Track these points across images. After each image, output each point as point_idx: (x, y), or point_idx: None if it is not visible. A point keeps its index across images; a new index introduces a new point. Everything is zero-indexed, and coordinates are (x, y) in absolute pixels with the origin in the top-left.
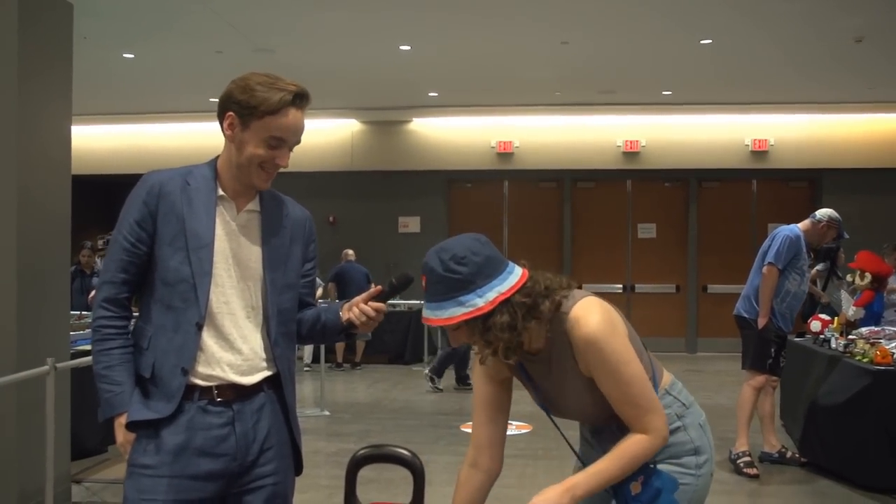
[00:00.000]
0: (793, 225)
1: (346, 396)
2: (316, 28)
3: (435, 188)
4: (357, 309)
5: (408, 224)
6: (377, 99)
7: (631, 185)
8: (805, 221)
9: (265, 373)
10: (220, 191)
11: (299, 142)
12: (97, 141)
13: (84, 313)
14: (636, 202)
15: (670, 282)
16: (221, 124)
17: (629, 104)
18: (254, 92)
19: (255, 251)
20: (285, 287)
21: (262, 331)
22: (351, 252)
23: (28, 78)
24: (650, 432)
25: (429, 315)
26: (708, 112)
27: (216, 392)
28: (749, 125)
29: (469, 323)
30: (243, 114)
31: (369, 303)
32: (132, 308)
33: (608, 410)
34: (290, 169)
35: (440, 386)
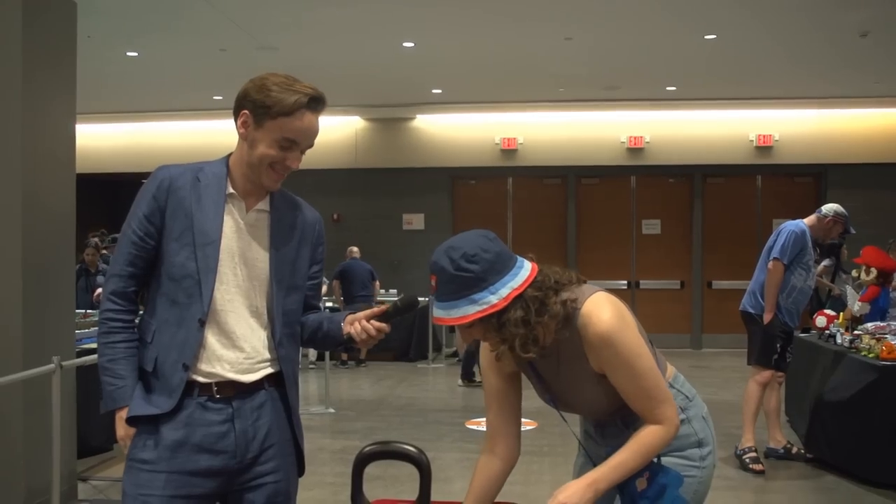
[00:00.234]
0: (798, 220)
1: (351, 394)
2: (319, 25)
3: (439, 185)
4: (359, 325)
5: (412, 221)
6: (381, 96)
7: (635, 181)
8: (811, 217)
9: (267, 370)
10: (231, 188)
11: (312, 145)
12: (101, 140)
13: (89, 311)
14: (640, 198)
15: (675, 278)
16: (236, 121)
17: (633, 100)
18: (269, 92)
19: (263, 251)
20: (291, 288)
21: (267, 331)
22: (355, 249)
23: (32, 77)
24: (664, 422)
25: (441, 315)
26: (712, 107)
27: (216, 389)
28: (753, 120)
29: (483, 321)
30: (257, 113)
31: (371, 321)
32: (139, 302)
33: (615, 405)
34: None
35: (477, 379)
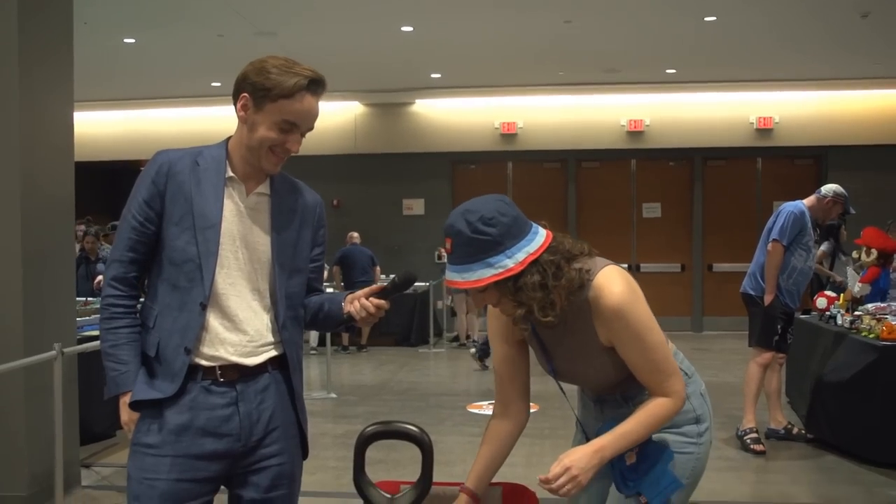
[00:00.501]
0: (798, 201)
1: (353, 379)
2: (317, 10)
3: (439, 170)
4: (358, 303)
5: (412, 206)
6: (380, 81)
7: (635, 165)
8: (810, 197)
9: (270, 353)
10: (230, 172)
11: (312, 128)
12: (99, 127)
13: (90, 299)
14: (641, 182)
15: (675, 261)
16: (235, 105)
17: (633, 83)
18: (269, 74)
19: (264, 234)
20: (294, 271)
21: (270, 314)
22: (356, 235)
23: (29, 64)
24: (672, 395)
25: (455, 278)
26: (712, 90)
27: (219, 372)
28: (754, 103)
29: (498, 285)
30: (257, 96)
31: (370, 299)
32: (141, 288)
33: (618, 378)
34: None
35: (488, 364)
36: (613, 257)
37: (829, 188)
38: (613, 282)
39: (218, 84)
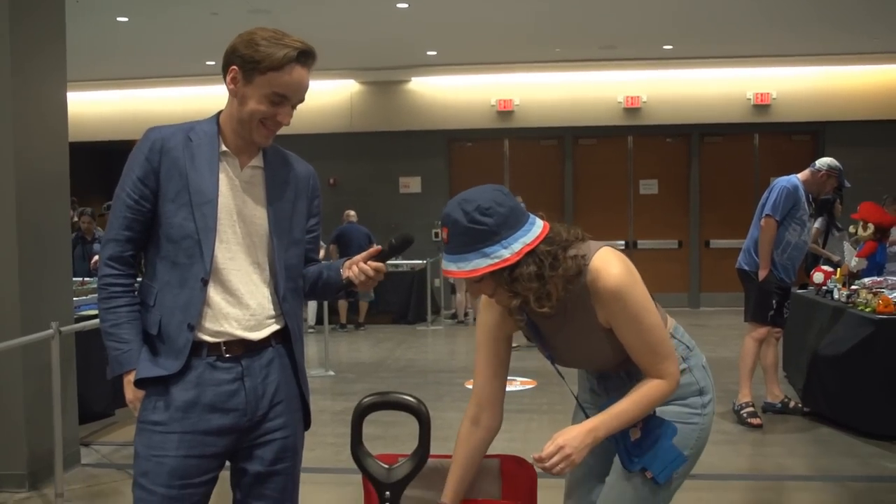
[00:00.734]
0: (791, 175)
1: (351, 357)
2: None
3: (435, 148)
4: (356, 268)
5: (409, 184)
6: (375, 59)
7: (632, 142)
8: (805, 171)
9: (273, 327)
10: (223, 146)
11: (303, 100)
12: (93, 107)
13: (87, 279)
14: (638, 158)
15: (672, 237)
16: (225, 78)
17: (630, 59)
18: (258, 47)
19: (260, 207)
20: (291, 243)
21: (270, 287)
22: (352, 213)
23: (21, 43)
24: (666, 377)
25: (451, 268)
26: (709, 66)
27: (224, 348)
28: (751, 79)
29: (494, 275)
30: (246, 68)
31: (368, 262)
32: (138, 266)
33: (619, 358)
34: (290, 131)
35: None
36: (610, 234)
37: (824, 161)
38: (611, 263)
39: (212, 63)
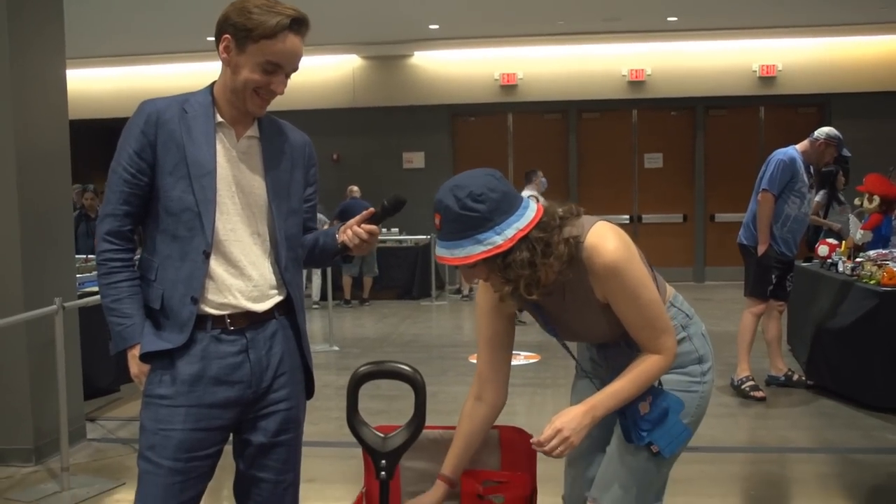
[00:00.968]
0: (788, 147)
1: (355, 332)
2: None
3: (439, 123)
4: (350, 231)
5: (412, 160)
6: (378, 33)
7: (637, 115)
8: (803, 142)
9: (276, 298)
10: (219, 117)
11: (297, 69)
12: (95, 84)
13: (90, 256)
14: (642, 132)
15: (677, 211)
16: (218, 47)
17: (634, 32)
18: (250, 14)
19: (258, 178)
20: (290, 213)
21: (271, 257)
22: (355, 188)
23: (19, 19)
24: (663, 352)
25: (444, 254)
26: (714, 38)
27: (229, 321)
28: (756, 50)
29: (487, 261)
30: (239, 37)
31: (362, 225)
32: (136, 240)
33: (619, 331)
34: (293, 106)
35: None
36: (615, 209)
37: (822, 131)
38: (606, 239)
39: (212, 39)
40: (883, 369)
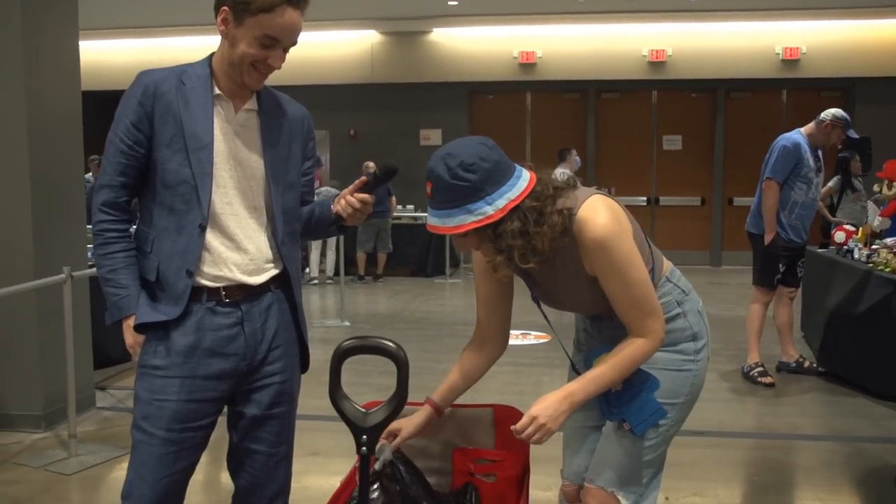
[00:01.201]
0: (793, 132)
1: (367, 308)
2: None
3: (456, 100)
4: (343, 201)
5: (429, 137)
6: (397, 8)
7: (656, 96)
8: (809, 124)
9: (272, 272)
10: (217, 90)
11: (295, 43)
12: (111, 56)
13: None
14: (661, 113)
15: (695, 194)
16: (216, 19)
17: (655, 11)
18: None
19: (256, 150)
20: (287, 187)
21: (268, 231)
22: (372, 165)
23: None
24: (648, 335)
25: (436, 223)
26: (737, 19)
27: (224, 293)
28: (780, 32)
29: (478, 231)
30: (237, 9)
31: (355, 194)
32: (132, 211)
33: (605, 306)
34: (311, 82)
35: None
36: (632, 190)
37: (828, 112)
38: (598, 213)
39: None
40: (894, 358)
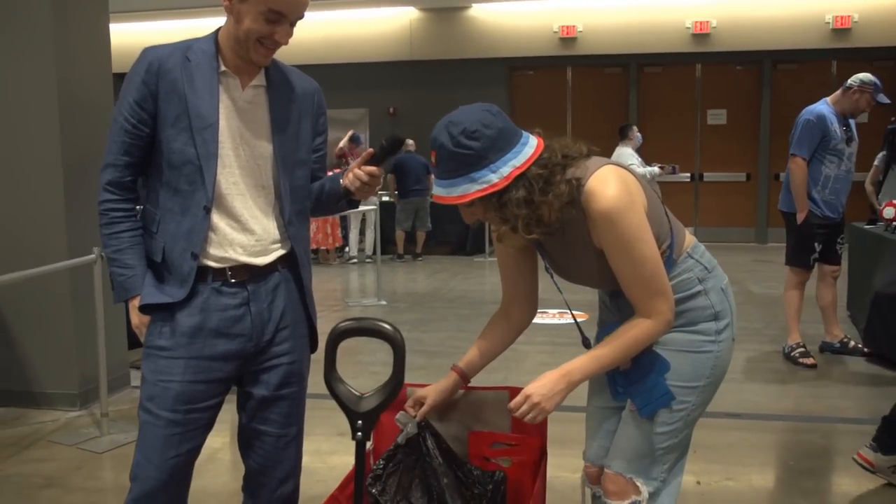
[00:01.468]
0: (816, 104)
1: (406, 287)
2: None
3: (496, 76)
4: (351, 174)
5: None
6: None
7: (700, 69)
8: (836, 92)
9: (279, 252)
10: (223, 66)
11: (302, 17)
12: (140, 38)
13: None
14: (706, 87)
15: (741, 170)
16: None
17: None
18: None
19: (264, 128)
20: (297, 164)
21: (275, 210)
22: (410, 142)
23: None
24: (655, 316)
25: (440, 193)
26: None
27: (230, 273)
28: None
29: (483, 200)
30: None
31: (363, 167)
32: (138, 190)
33: (614, 281)
34: (350, 60)
35: None
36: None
37: (856, 77)
38: (607, 184)
39: None
40: None
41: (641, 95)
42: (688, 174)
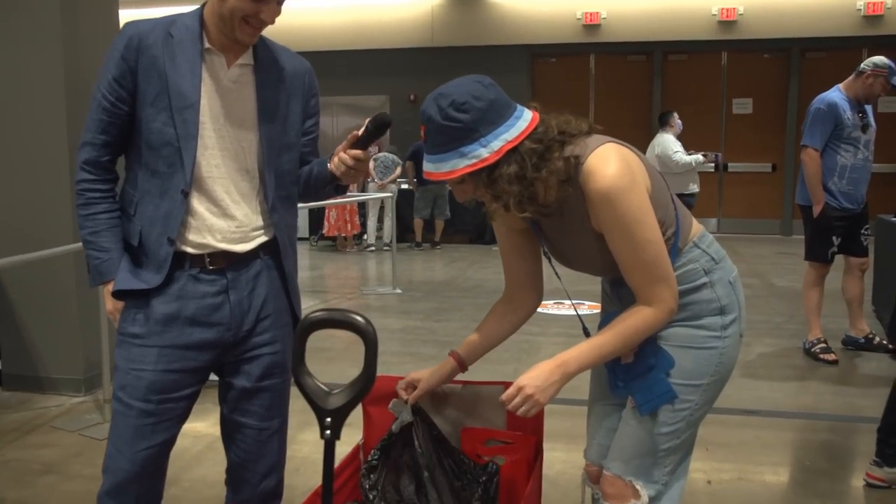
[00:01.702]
0: (827, 92)
1: (423, 275)
2: None
3: (518, 63)
4: (336, 159)
5: None
6: None
7: (726, 58)
8: (848, 78)
9: (261, 239)
10: (207, 43)
11: None
12: None
13: None
14: (732, 75)
15: (766, 160)
16: None
17: None
18: None
19: (250, 109)
20: (284, 147)
21: (259, 196)
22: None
23: None
24: (656, 304)
25: (430, 168)
26: None
27: (208, 260)
28: None
29: (473, 176)
30: None
31: (347, 151)
32: (115, 170)
33: (614, 266)
34: (371, 46)
35: None
36: None
37: (869, 61)
38: (607, 163)
39: None
40: None
41: (666, 83)
42: (712, 164)
